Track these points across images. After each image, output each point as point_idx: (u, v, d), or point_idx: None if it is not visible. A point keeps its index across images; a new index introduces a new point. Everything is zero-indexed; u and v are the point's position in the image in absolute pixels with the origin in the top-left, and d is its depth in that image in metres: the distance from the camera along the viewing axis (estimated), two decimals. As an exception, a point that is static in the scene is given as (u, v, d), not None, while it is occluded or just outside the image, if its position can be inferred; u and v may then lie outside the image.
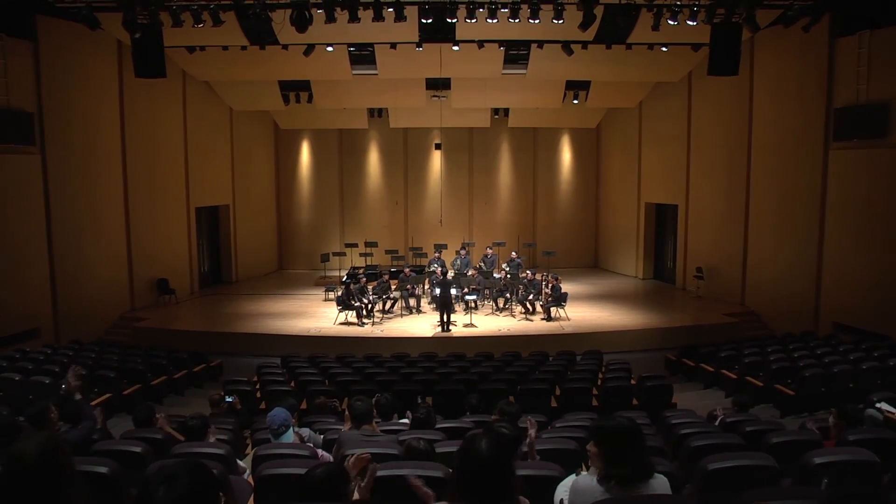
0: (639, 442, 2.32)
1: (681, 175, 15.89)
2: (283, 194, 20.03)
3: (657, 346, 11.61)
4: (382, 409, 4.82)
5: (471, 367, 8.65)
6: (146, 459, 3.68)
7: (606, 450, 2.29)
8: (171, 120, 14.99)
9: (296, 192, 20.01)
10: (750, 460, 3.36)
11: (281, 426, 4.08)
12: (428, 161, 19.94)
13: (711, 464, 3.31)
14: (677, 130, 15.94)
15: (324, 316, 13.30)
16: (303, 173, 19.95)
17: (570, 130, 20.00)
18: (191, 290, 15.79)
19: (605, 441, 2.30)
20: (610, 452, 2.28)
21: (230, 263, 17.71)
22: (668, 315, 13.34)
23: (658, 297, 15.61)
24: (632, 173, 18.03)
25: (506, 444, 2.17)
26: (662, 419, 5.53)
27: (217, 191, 16.99)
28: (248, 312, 13.78)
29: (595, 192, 20.36)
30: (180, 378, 9.43)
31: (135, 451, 3.75)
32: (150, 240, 14.08)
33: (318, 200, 19.94)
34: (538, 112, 18.02)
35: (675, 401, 7.70)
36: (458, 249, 15.25)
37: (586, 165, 20.25)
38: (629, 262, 18.44)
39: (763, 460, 3.36)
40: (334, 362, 9.26)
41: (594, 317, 13.11)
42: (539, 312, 13.11)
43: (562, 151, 20.21)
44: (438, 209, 17.74)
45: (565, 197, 20.34)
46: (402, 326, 12.48)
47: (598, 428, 2.36)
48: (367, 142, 19.87)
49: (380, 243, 17.88)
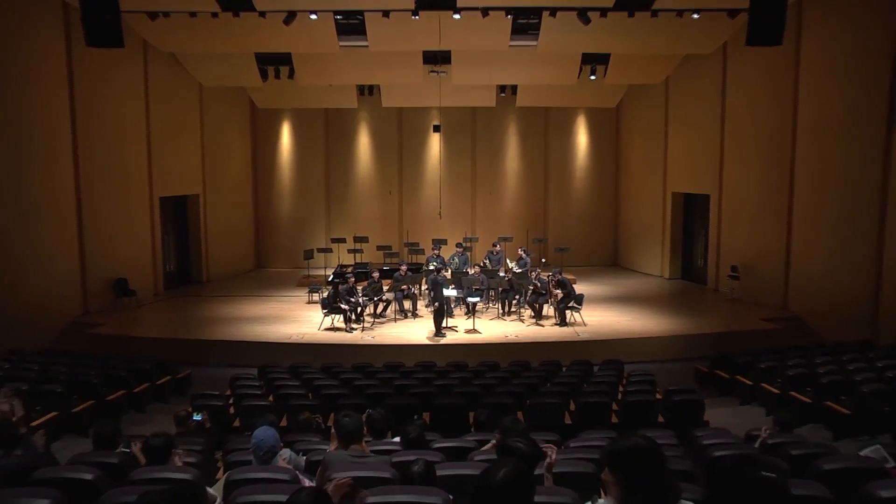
0: (660, 464, 2.28)
1: (713, 161, 15.88)
2: (261, 183, 20.00)
3: (686, 356, 11.61)
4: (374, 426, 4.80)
5: (473, 379, 8.67)
6: (99, 488, 3.60)
7: (623, 475, 2.26)
8: (131, 97, 14.93)
9: (275, 180, 19.98)
10: (798, 489, 3.30)
11: (268, 452, 4.03)
12: (425, 145, 19.93)
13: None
14: (709, 110, 15.92)
15: (307, 320, 13.30)
16: (283, 159, 19.93)
17: (587, 111, 20.00)
18: (154, 291, 15.77)
19: (621, 465, 2.27)
20: (627, 478, 2.25)
21: (200, 261, 17.70)
22: (699, 320, 13.33)
23: (687, 299, 15.63)
24: (657, 159, 18.01)
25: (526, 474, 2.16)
26: (692, 439, 5.50)
27: (185, 178, 16.96)
28: (220, 317, 13.78)
29: (614, 181, 20.35)
30: (142, 392, 9.38)
31: (85, 478, 3.67)
32: (106, 234, 14.03)
33: (300, 190, 19.93)
34: (550, 90, 18.00)
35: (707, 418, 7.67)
36: (457, 245, 15.19)
37: (605, 150, 20.25)
38: (653, 259, 18.45)
39: (814, 490, 3.31)
40: (319, 373, 9.28)
41: (613, 322, 13.11)
42: (550, 317, 13.08)
43: (577, 134, 20.20)
44: (437, 200, 17.72)
45: (581, 186, 20.32)
46: (396, 332, 12.49)
47: (612, 452, 2.33)
48: (357, 123, 19.86)
49: (371, 238, 17.93)
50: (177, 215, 17.34)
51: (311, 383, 8.54)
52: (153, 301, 15.35)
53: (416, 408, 7.29)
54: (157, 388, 9.83)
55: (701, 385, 10.34)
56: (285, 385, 8.42)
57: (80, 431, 7.63)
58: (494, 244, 15.47)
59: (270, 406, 7.54)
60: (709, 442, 5.22)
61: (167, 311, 14.79)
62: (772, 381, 9.04)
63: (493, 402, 7.24)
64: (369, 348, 11.59)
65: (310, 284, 15.48)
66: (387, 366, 9.75)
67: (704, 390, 9.85)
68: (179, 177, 16.70)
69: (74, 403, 8.10)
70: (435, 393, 7.90)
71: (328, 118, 19.85)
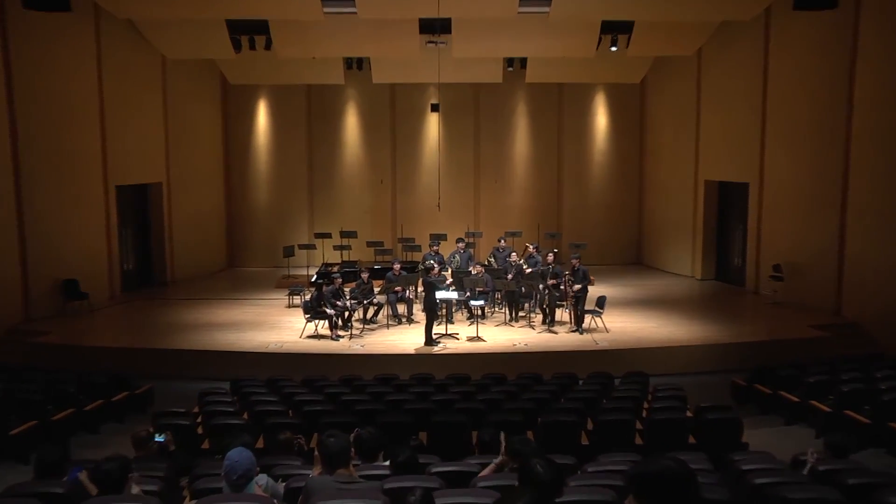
0: (692, 492, 2.29)
1: (753, 144, 15.87)
2: (234, 170, 20.03)
3: (721, 368, 11.64)
4: (363, 448, 4.82)
5: (477, 394, 8.74)
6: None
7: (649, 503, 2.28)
8: (82, 71, 14.90)
9: (251, 166, 20.00)
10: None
11: (242, 477, 3.99)
12: (422, 127, 19.94)
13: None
14: (749, 86, 15.90)
15: (287, 327, 13.36)
16: (259, 142, 19.94)
17: (607, 87, 20.01)
18: (110, 293, 15.78)
19: (648, 492, 2.29)
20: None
21: (163, 259, 17.74)
22: (736, 326, 13.33)
23: (722, 303, 15.63)
24: (687, 142, 18.01)
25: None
26: (729, 463, 5.52)
27: (146, 165, 16.96)
28: (187, 323, 13.80)
29: (639, 168, 20.38)
30: (94, 410, 9.39)
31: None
32: (52, 229, 14.02)
33: (279, 178, 19.96)
34: (564, 63, 18.01)
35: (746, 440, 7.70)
36: (457, 241, 15.24)
37: (627, 132, 20.27)
38: (683, 257, 18.48)
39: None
40: (301, 387, 9.35)
41: (637, 328, 13.14)
42: (564, 322, 13.11)
43: (595, 114, 20.22)
44: (436, 189, 17.68)
45: (600, 173, 20.35)
46: (389, 340, 12.53)
47: (638, 477, 2.35)
48: (344, 102, 19.89)
49: (360, 233, 17.98)
50: (136, 207, 17.32)
51: (291, 399, 8.59)
52: (108, 305, 15.35)
53: (411, 426, 7.33)
54: (113, 405, 9.83)
55: (738, 402, 10.38)
56: (262, 401, 8.46)
57: (20, 457, 7.60)
58: (500, 239, 15.47)
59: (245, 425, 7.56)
60: (748, 467, 5.22)
61: (125, 317, 14.79)
62: (822, 397, 9.03)
63: (499, 419, 7.28)
64: (358, 358, 11.64)
65: (290, 286, 15.54)
66: (378, 378, 9.82)
67: (742, 407, 9.89)
68: (139, 163, 16.68)
69: (12, 425, 8.04)
70: (433, 410, 7.94)
71: (311, 96, 19.84)
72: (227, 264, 20.00)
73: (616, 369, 10.21)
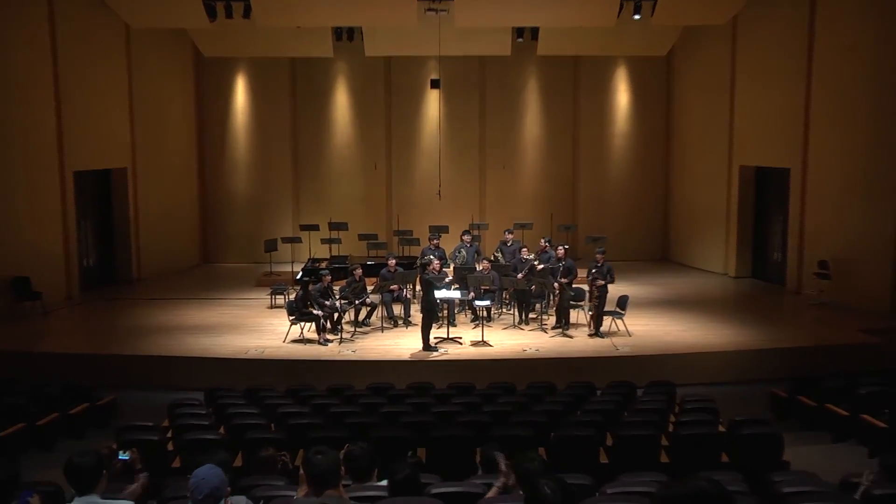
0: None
1: (796, 125, 15.87)
2: (209, 153, 20.11)
3: (758, 377, 11.65)
4: (355, 466, 4.81)
5: (482, 405, 8.81)
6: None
7: None
8: (33, 40, 14.91)
9: (227, 150, 20.07)
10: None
11: (209, 497, 3.96)
12: (421, 106, 19.99)
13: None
14: (791, 58, 15.89)
15: (269, 330, 13.43)
16: (237, 123, 20.00)
17: (629, 61, 20.06)
18: (67, 293, 15.82)
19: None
20: None
21: (129, 254, 17.80)
22: (775, 330, 13.35)
23: (759, 303, 15.68)
24: (720, 123, 18.03)
25: None
26: (768, 485, 5.51)
27: (108, 148, 16.98)
28: (155, 326, 13.85)
29: (665, 151, 20.44)
30: (48, 425, 9.38)
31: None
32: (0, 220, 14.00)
33: (260, 162, 20.04)
34: (581, 34, 18.07)
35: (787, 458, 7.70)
36: (462, 234, 15.19)
37: (652, 112, 20.33)
38: (715, 252, 18.52)
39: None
40: (284, 398, 9.43)
41: (663, 332, 13.22)
42: (581, 325, 13.16)
43: (616, 92, 20.27)
44: (436, 176, 17.73)
45: (620, 157, 20.41)
46: (384, 345, 12.61)
47: (666, 498, 2.37)
48: (333, 78, 19.96)
49: (351, 225, 18.04)
50: (97, 195, 17.37)
51: (274, 411, 8.63)
52: (65, 306, 15.39)
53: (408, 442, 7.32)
54: (70, 419, 9.84)
55: (778, 415, 10.42)
56: (241, 413, 8.51)
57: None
58: (508, 232, 15.42)
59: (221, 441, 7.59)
60: (791, 489, 5.23)
61: (84, 320, 14.83)
62: (876, 411, 8.98)
63: (506, 434, 7.32)
64: (349, 365, 11.72)
65: (272, 284, 15.60)
66: (371, 388, 9.89)
67: (783, 422, 9.91)
68: (101, 146, 16.71)
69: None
70: (433, 423, 7.99)
71: (295, 71, 19.90)
72: (201, 260, 20.08)
73: (639, 378, 10.26)
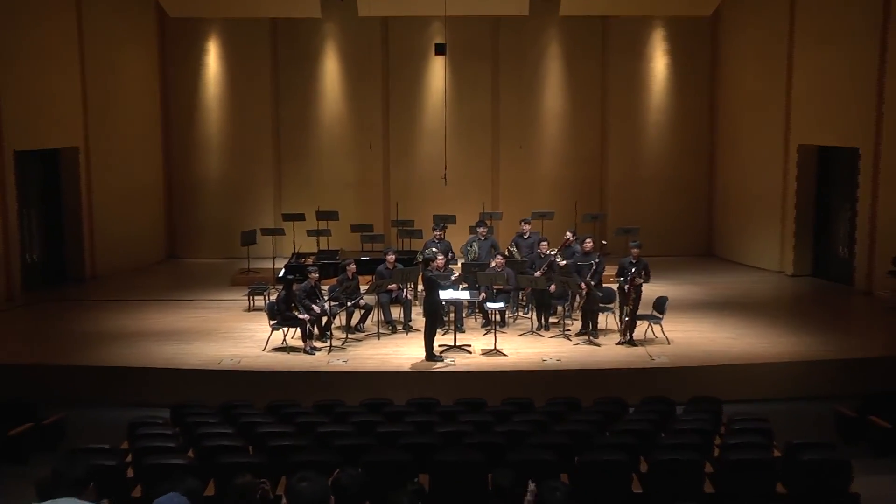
0: None
1: (868, 96, 15.75)
2: (177, 131, 20.06)
3: (820, 393, 11.59)
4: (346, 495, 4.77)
5: (494, 424, 8.77)
6: None
7: None
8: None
9: (198, 127, 20.03)
10: None
11: None
12: (423, 75, 19.93)
13: None
14: (862, 17, 15.75)
15: (246, 336, 13.43)
16: (209, 95, 19.95)
17: (667, 23, 19.96)
18: (7, 294, 15.84)
19: None
20: None
21: (81, 249, 17.71)
22: (841, 338, 13.27)
23: (822, 306, 15.62)
24: (776, 95, 17.92)
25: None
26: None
27: (56, 124, 16.87)
28: (112, 332, 13.79)
29: (709, 129, 20.33)
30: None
31: None
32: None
33: (236, 141, 19.97)
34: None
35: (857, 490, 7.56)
36: (477, 225, 15.16)
37: (694, 83, 20.21)
38: (769, 246, 18.48)
39: None
40: (264, 415, 9.39)
41: (707, 339, 13.17)
42: (611, 331, 13.15)
43: (651, 58, 20.17)
44: (441, 157, 17.67)
45: (657, 136, 20.33)
46: (380, 354, 12.58)
47: None
48: (321, 42, 19.87)
49: (342, 214, 17.98)
50: (43, 179, 17.27)
51: (252, 431, 8.59)
52: (5, 308, 15.34)
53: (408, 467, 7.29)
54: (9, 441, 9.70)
55: (845, 438, 10.30)
56: (213, 434, 8.47)
57: None
58: (525, 222, 15.41)
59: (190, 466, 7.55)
60: None
61: (27, 324, 14.75)
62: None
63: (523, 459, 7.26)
64: (340, 378, 11.69)
65: (250, 283, 15.56)
66: (366, 404, 9.84)
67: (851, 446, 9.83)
68: (46, 122, 16.54)
69: None
70: (437, 445, 7.96)
71: (277, 34, 19.81)
72: (166, 255, 20.03)
73: (678, 393, 10.25)
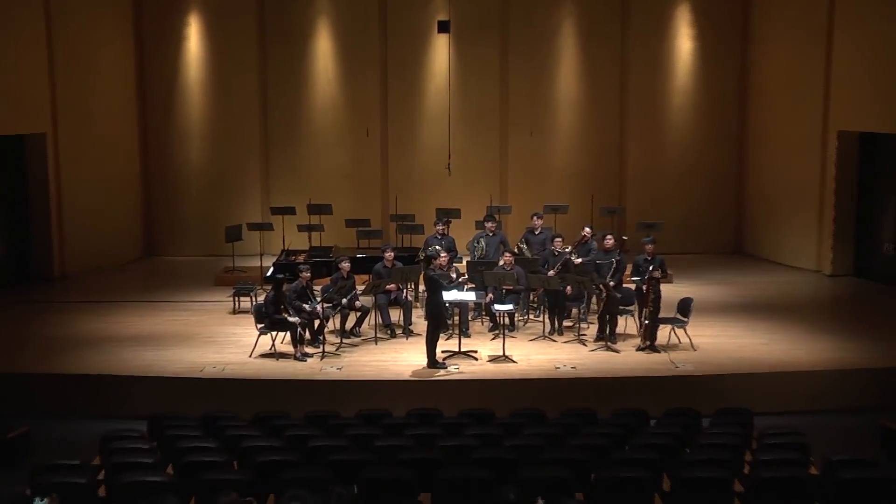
0: None
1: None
2: (154, 116, 20.10)
3: (862, 404, 11.59)
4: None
5: (503, 438, 8.79)
6: None
7: None
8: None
9: (178, 112, 20.06)
10: None
11: None
12: (425, 56, 19.96)
13: None
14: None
15: (231, 341, 13.44)
16: (190, 78, 19.97)
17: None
18: (-32, 294, 15.97)
19: None
20: None
21: (48, 245, 17.72)
22: (885, 344, 13.19)
23: (864, 309, 15.64)
24: (813, 76, 17.92)
25: None
26: None
27: (19, 108, 16.82)
28: (83, 336, 13.80)
29: (740, 113, 20.35)
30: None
31: None
32: None
33: (220, 128, 20.01)
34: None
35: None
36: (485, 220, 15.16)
37: (723, 63, 20.23)
38: (806, 243, 18.47)
39: None
40: (251, 428, 9.40)
41: (737, 345, 13.17)
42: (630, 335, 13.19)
43: (676, 37, 20.16)
44: (444, 145, 17.69)
45: (682, 122, 20.34)
46: (378, 360, 12.57)
47: None
48: (312, 18, 19.89)
49: (336, 208, 18.02)
50: (6, 169, 17.30)
51: (237, 445, 8.57)
52: (-35, 311, 15.45)
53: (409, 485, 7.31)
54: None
55: (890, 454, 10.30)
56: (195, 448, 8.45)
57: None
58: (537, 216, 15.39)
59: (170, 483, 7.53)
60: None
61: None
62: None
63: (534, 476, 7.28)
64: (334, 387, 11.70)
65: (236, 283, 15.56)
66: (362, 416, 9.85)
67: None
68: (9, 106, 16.46)
69: None
70: (440, 461, 7.95)
71: (264, 10, 19.82)
72: (143, 252, 20.05)
73: (705, 404, 10.21)
